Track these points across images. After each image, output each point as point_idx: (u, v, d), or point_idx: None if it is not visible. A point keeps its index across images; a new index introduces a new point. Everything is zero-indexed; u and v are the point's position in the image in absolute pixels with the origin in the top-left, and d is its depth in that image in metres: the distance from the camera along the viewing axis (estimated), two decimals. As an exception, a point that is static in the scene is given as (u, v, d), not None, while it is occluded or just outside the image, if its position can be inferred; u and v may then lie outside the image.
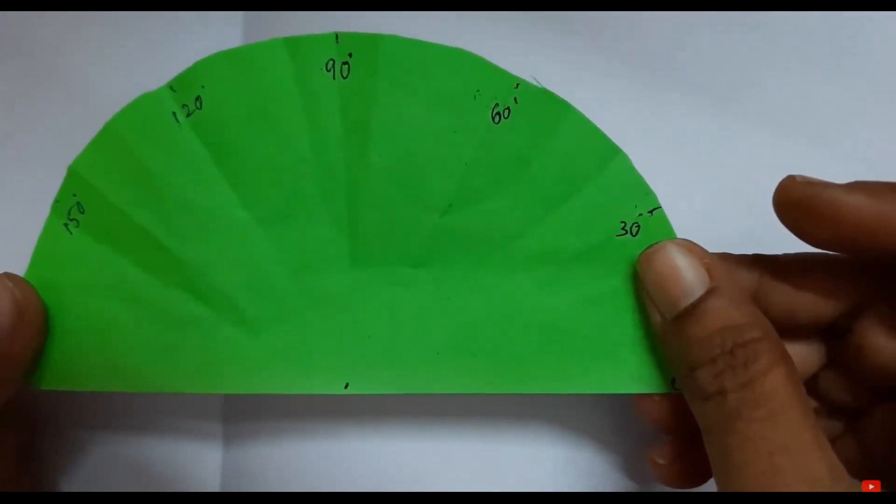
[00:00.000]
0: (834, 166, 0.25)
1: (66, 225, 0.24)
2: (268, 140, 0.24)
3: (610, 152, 0.24)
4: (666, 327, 0.22)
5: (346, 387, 0.24)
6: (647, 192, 0.24)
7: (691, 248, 0.22)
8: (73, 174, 0.24)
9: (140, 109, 0.24)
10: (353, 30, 0.23)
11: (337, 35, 0.23)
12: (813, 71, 0.30)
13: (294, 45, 0.23)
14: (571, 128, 0.23)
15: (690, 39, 0.31)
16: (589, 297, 0.24)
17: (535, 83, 0.23)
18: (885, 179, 0.21)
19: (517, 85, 0.23)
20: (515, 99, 0.23)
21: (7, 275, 0.24)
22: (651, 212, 0.24)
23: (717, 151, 0.30)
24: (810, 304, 0.23)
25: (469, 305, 0.24)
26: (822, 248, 0.22)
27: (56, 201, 0.24)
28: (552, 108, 0.23)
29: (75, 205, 0.24)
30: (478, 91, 0.23)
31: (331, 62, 0.23)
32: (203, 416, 0.29)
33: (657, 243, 0.23)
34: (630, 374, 0.24)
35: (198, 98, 0.23)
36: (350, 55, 0.23)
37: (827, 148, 0.29)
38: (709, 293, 0.21)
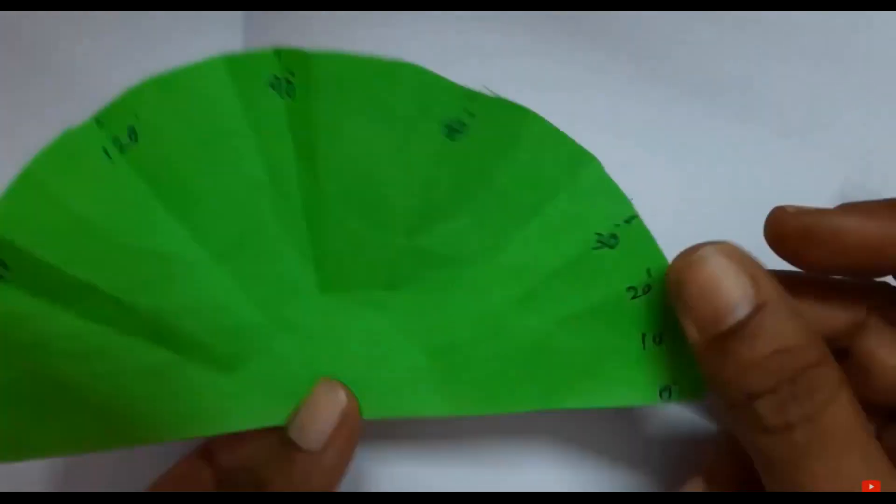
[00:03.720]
0: (829, 165, 0.27)
1: None
2: (216, 167, 0.21)
3: (580, 158, 0.22)
4: (706, 347, 0.20)
5: None
6: (622, 201, 0.22)
7: (734, 254, 0.20)
8: None
9: (64, 149, 0.21)
10: (355, 31, 0.22)
11: (277, 51, 0.21)
12: (809, 69, 0.30)
13: (234, 63, 0.21)
14: (535, 135, 0.22)
15: (687, 37, 0.30)
16: (570, 314, 0.23)
17: (487, 92, 0.21)
18: (883, 178, 0.23)
19: (470, 97, 0.21)
20: (469, 112, 0.21)
21: (338, 383, 0.23)
22: (628, 221, 0.22)
23: (714, 152, 0.30)
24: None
25: (447, 326, 0.23)
26: (819, 273, 0.22)
27: None
28: (511, 117, 0.21)
29: None
30: (426, 107, 0.21)
31: (275, 80, 0.21)
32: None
33: (694, 249, 0.21)
34: (616, 387, 0.23)
35: (131, 129, 0.21)
36: (292, 74, 0.21)
37: (819, 145, 0.29)
38: (758, 309, 0.19)
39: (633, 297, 0.23)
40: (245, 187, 0.22)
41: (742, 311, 0.19)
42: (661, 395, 0.23)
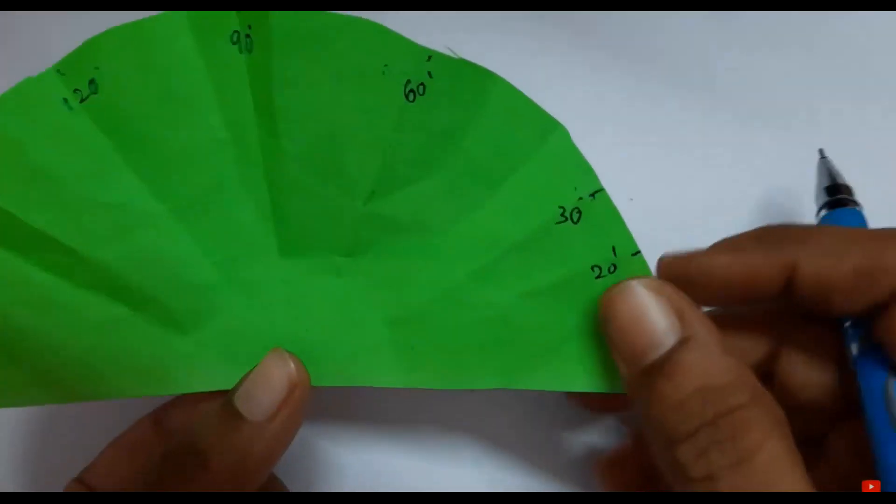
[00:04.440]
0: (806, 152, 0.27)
1: None
2: (177, 122, 0.21)
3: (547, 125, 0.21)
4: (632, 382, 0.20)
5: None
6: (588, 172, 0.21)
7: (661, 288, 0.20)
8: None
9: (22, 97, 0.21)
10: None
11: (236, 13, 0.21)
12: (800, 66, 0.31)
13: (195, 18, 0.21)
14: (501, 100, 0.21)
15: (679, 35, 0.32)
16: (531, 289, 0.22)
17: (450, 54, 0.20)
18: (886, 179, 0.25)
19: (429, 57, 0.20)
20: (429, 73, 0.21)
21: (288, 354, 0.22)
22: (593, 195, 0.21)
23: (705, 146, 0.30)
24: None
25: (406, 296, 0.22)
26: (721, 307, 0.23)
27: None
28: (475, 80, 0.21)
29: None
30: (385, 66, 0.20)
31: (235, 34, 0.21)
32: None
33: (621, 283, 0.21)
34: (578, 371, 0.22)
35: (92, 80, 0.21)
36: (250, 27, 0.20)
37: (807, 138, 0.29)
38: (681, 343, 0.19)
39: (598, 277, 0.22)
40: (206, 144, 0.21)
41: (666, 345, 0.19)
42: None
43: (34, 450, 0.30)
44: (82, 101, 0.21)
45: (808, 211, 0.26)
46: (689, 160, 0.30)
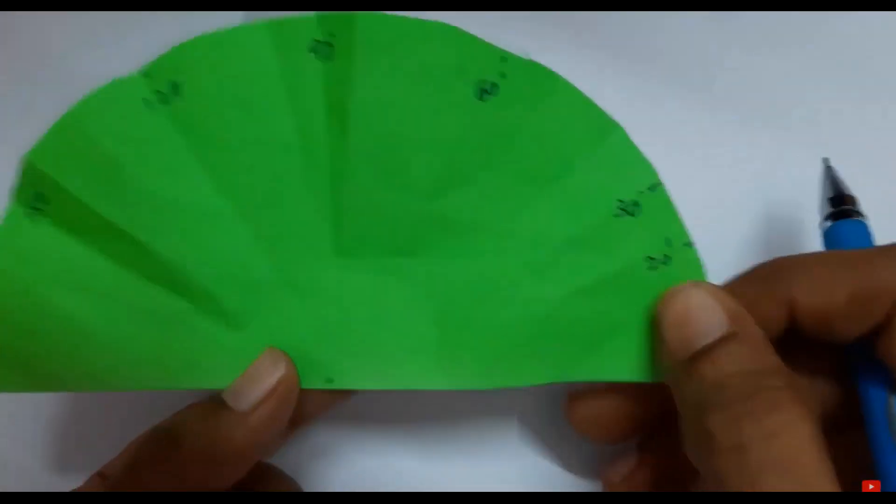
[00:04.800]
0: (817, 158, 0.27)
1: (28, 215, 0.23)
2: (250, 127, 0.22)
3: (605, 126, 0.22)
4: (676, 372, 0.21)
5: (329, 381, 0.23)
6: (647, 167, 0.22)
7: (714, 291, 0.21)
8: (29, 166, 0.22)
9: (106, 95, 0.22)
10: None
11: (319, 16, 0.22)
12: (802, 66, 0.31)
13: (277, 27, 0.22)
14: (563, 102, 0.22)
15: (681, 36, 0.32)
16: (585, 284, 0.23)
17: (523, 56, 0.22)
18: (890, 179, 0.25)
19: (503, 58, 0.22)
20: (502, 73, 0.22)
21: (283, 354, 0.23)
22: (651, 188, 0.22)
23: (707, 147, 0.31)
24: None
25: (457, 295, 0.23)
26: None
27: (17, 189, 0.23)
28: (541, 82, 0.22)
29: (36, 194, 0.22)
30: (461, 66, 0.22)
31: (315, 44, 0.22)
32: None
33: (679, 285, 0.22)
34: (628, 361, 0.23)
35: (174, 84, 0.22)
36: (332, 35, 0.22)
37: (809, 139, 0.30)
38: (727, 337, 0.20)
39: (651, 268, 0.22)
40: (274, 148, 0.22)
41: (714, 335, 0.20)
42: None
43: (64, 440, 0.30)
44: (163, 102, 0.22)
45: (807, 212, 0.27)
46: (689, 160, 0.30)
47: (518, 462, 0.29)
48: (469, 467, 0.29)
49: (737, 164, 0.31)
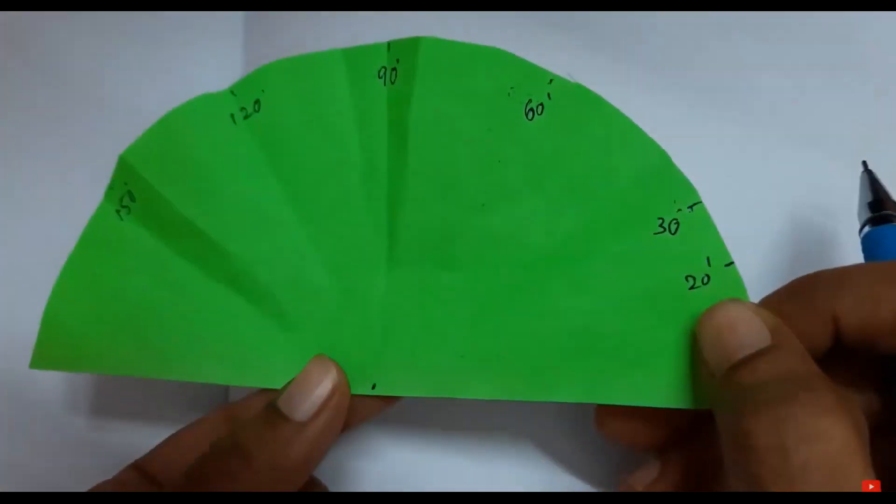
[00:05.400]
0: (835, 168, 0.27)
1: (118, 211, 0.25)
2: (319, 143, 0.25)
3: (647, 148, 0.23)
4: (717, 384, 0.20)
5: (373, 387, 0.24)
6: (687, 186, 0.23)
7: (755, 307, 0.21)
8: (123, 163, 0.25)
9: (198, 107, 0.25)
10: (352, 31, 0.24)
11: (389, 44, 0.24)
12: (814, 72, 0.30)
13: (351, 54, 0.25)
14: (605, 123, 0.23)
15: (694, 41, 0.31)
16: (624, 299, 0.23)
17: (569, 78, 0.23)
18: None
19: (551, 80, 0.23)
20: (549, 95, 0.23)
21: (331, 361, 0.23)
22: (691, 207, 0.23)
23: (722, 155, 0.30)
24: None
25: (498, 308, 0.24)
26: None
27: (109, 188, 0.25)
28: (586, 104, 0.23)
29: (126, 193, 0.25)
30: (512, 88, 0.23)
31: (383, 70, 0.24)
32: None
33: (721, 302, 0.22)
34: (665, 385, 0.22)
35: (256, 101, 0.25)
36: (398, 61, 0.24)
37: (826, 148, 0.29)
38: (770, 349, 0.20)
39: (692, 288, 0.22)
40: (340, 164, 0.25)
41: (755, 346, 0.20)
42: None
43: (100, 431, 0.30)
44: (246, 117, 0.25)
45: (839, 221, 0.27)
46: (713, 173, 0.27)
47: (534, 464, 0.29)
48: (485, 468, 0.29)
49: (767, 176, 0.30)
